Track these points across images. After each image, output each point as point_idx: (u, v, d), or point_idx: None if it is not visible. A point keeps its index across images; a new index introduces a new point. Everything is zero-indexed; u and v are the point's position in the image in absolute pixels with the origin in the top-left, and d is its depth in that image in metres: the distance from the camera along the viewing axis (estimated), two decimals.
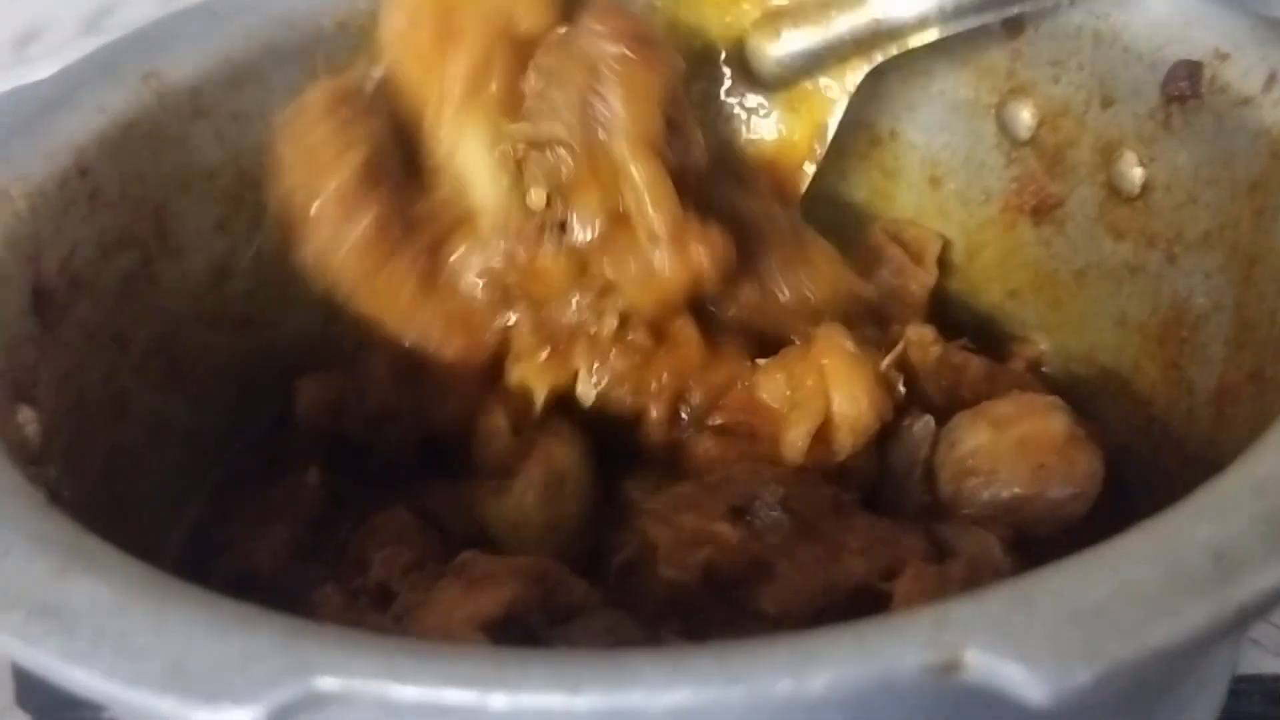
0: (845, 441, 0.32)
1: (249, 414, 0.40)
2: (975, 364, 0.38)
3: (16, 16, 0.49)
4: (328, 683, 0.18)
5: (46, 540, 0.21)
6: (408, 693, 0.18)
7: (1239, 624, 0.19)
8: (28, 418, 0.29)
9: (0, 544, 0.21)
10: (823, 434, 0.32)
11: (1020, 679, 0.18)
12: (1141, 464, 0.38)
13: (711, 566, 0.28)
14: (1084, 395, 0.40)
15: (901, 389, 0.34)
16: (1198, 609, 0.19)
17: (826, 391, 0.32)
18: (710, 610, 0.28)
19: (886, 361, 0.34)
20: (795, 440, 0.32)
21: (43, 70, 0.49)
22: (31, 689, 0.45)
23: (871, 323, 0.38)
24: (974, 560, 0.30)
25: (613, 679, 0.18)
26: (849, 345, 0.33)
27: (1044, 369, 0.42)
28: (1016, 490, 0.33)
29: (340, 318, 0.34)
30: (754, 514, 0.29)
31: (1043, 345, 0.42)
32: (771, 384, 0.33)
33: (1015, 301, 0.43)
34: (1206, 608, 0.19)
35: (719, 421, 0.33)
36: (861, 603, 0.28)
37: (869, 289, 0.38)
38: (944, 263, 0.44)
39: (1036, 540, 0.33)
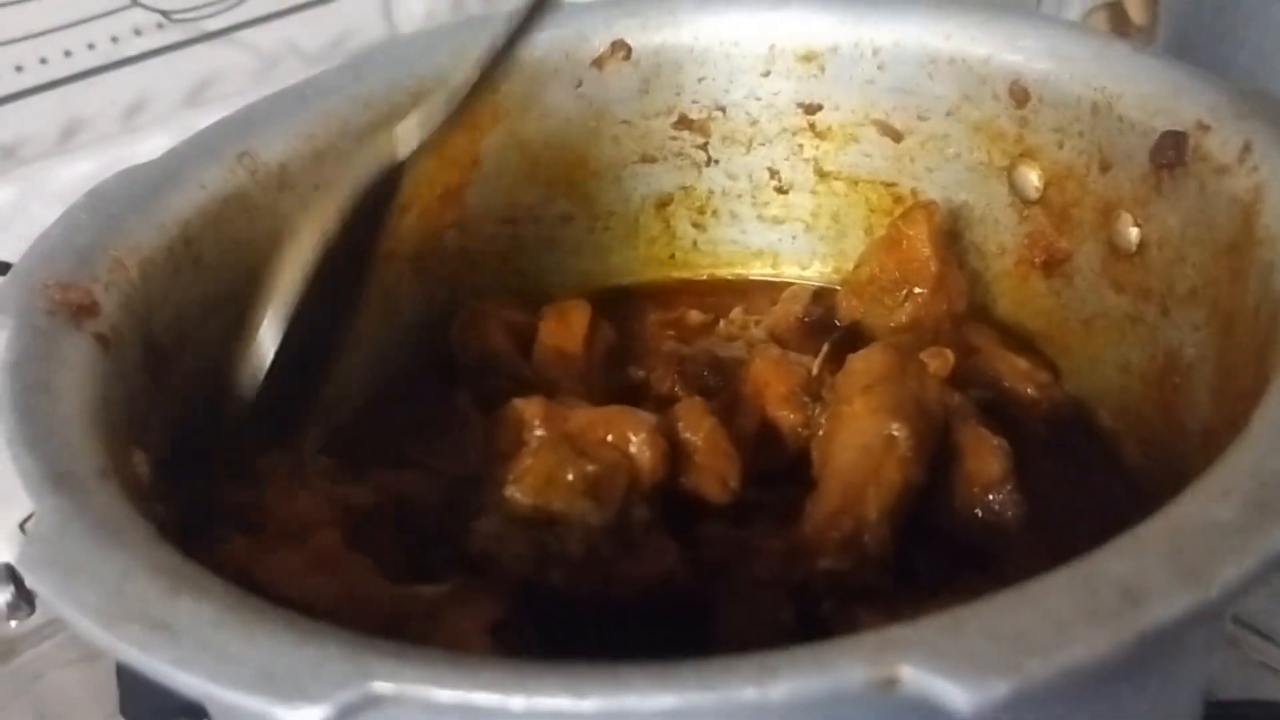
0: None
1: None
2: None
3: (125, 90, 0.54)
4: (383, 686, 0.22)
5: (158, 567, 0.26)
6: (446, 695, 0.22)
7: (1141, 648, 0.22)
8: (140, 460, 0.33)
9: (121, 569, 0.25)
10: None
11: (948, 692, 0.21)
12: (1147, 503, 0.41)
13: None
14: (1095, 435, 0.43)
15: None
16: (1102, 635, 0.22)
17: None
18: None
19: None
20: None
21: (149, 138, 0.54)
22: (134, 698, 0.49)
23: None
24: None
25: (611, 686, 0.22)
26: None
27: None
28: None
29: None
30: None
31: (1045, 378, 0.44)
32: None
33: (1029, 349, 0.46)
34: (1111, 634, 0.22)
35: None
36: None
37: None
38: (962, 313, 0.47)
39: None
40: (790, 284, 0.49)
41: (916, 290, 0.44)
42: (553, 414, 0.36)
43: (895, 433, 0.34)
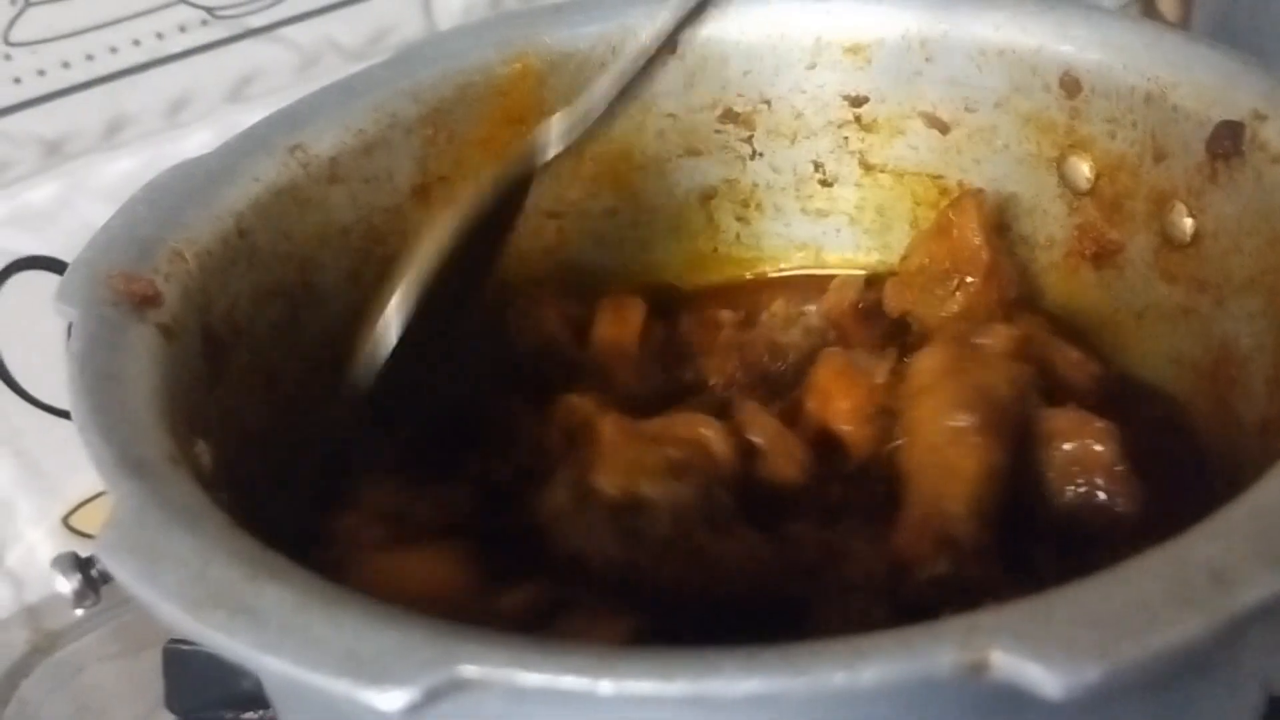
0: None
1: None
2: None
3: (169, 86, 0.54)
4: (469, 670, 0.22)
5: (237, 552, 0.26)
6: (532, 679, 0.22)
7: (1233, 631, 0.22)
8: (203, 449, 0.33)
9: (203, 557, 0.25)
10: None
11: (1039, 677, 0.21)
12: (1197, 493, 0.41)
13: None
14: (1146, 428, 0.43)
15: None
16: (1195, 618, 0.22)
17: None
18: None
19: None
20: None
21: (193, 134, 0.54)
22: (179, 691, 0.49)
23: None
24: None
25: (698, 670, 0.22)
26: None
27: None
28: None
29: None
30: None
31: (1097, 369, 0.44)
32: None
33: (1080, 340, 0.46)
34: (1202, 617, 0.22)
35: None
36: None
37: None
38: (1013, 302, 0.47)
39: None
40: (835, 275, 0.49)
41: (968, 279, 0.43)
42: (623, 422, 0.36)
43: (959, 423, 0.34)
